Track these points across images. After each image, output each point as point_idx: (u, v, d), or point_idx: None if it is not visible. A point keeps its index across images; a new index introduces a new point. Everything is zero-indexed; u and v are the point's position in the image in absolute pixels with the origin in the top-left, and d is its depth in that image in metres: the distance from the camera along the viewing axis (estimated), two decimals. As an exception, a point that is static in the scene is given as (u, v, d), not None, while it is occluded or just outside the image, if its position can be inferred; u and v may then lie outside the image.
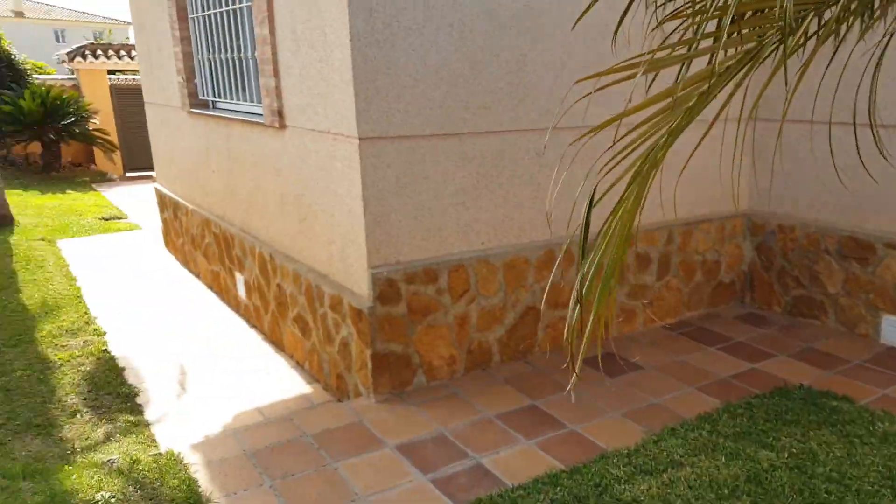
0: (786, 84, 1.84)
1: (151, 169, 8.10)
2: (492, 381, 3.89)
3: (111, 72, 14.80)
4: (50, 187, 11.64)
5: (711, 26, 1.55)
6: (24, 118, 12.60)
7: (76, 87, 14.59)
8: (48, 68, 17.03)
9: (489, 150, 3.81)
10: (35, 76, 14.37)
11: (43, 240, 7.64)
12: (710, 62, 1.46)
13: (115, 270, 6.62)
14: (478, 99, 3.70)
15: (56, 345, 4.76)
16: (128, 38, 35.65)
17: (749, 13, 1.52)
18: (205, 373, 4.38)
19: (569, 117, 3.91)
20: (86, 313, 5.37)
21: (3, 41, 13.72)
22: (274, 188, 4.49)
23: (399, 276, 3.65)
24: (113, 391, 4.08)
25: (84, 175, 13.49)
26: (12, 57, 13.68)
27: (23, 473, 3.12)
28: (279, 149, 4.31)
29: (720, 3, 1.47)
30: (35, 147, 13.46)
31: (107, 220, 9.10)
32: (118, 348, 4.74)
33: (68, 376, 4.29)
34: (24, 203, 9.80)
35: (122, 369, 4.40)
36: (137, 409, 3.88)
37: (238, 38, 4.79)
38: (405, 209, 3.64)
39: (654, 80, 1.66)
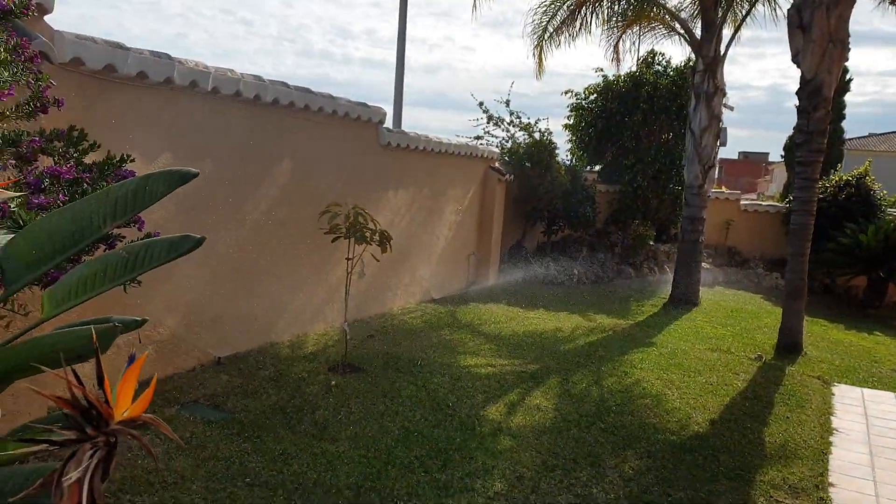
0: None
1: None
2: None
3: None
4: (857, 324, 10.93)
5: None
6: (859, 252, 12.30)
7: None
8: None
9: None
10: (890, 210, 13.82)
11: (819, 378, 7.08)
12: None
13: (885, 439, 5.49)
14: None
15: (771, 497, 4.19)
16: None
17: None
18: None
19: None
20: (821, 475, 4.57)
21: (868, 176, 13.66)
22: None
23: None
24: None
25: (903, 319, 12.17)
26: (871, 192, 13.51)
27: None
28: None
29: None
30: (859, 281, 12.97)
31: (905, 375, 7.81)
32: (836, 535, 3.82)
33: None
34: (822, 335, 9.45)
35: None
36: None
37: None
38: None
39: None
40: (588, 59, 40.71)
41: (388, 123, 8.28)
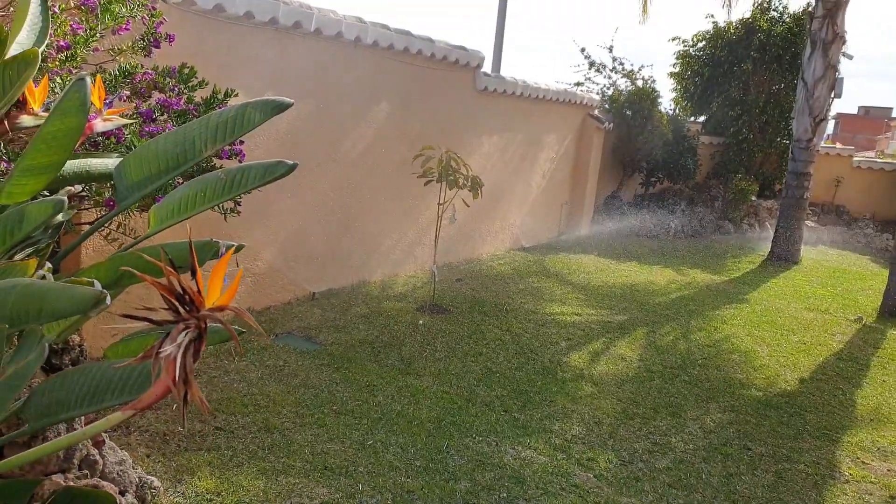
0: None
1: None
2: None
3: None
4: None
5: None
6: None
7: None
8: None
9: None
10: None
11: (930, 345, 6.71)
12: None
13: None
14: None
15: (857, 458, 4.07)
16: None
17: None
18: None
19: None
20: (916, 442, 4.38)
21: None
22: None
23: None
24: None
25: None
26: None
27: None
28: None
29: None
30: None
31: None
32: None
33: (847, 497, 3.59)
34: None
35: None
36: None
37: None
38: None
39: None
40: (698, 4, 37.46)
41: (487, 68, 8.22)
